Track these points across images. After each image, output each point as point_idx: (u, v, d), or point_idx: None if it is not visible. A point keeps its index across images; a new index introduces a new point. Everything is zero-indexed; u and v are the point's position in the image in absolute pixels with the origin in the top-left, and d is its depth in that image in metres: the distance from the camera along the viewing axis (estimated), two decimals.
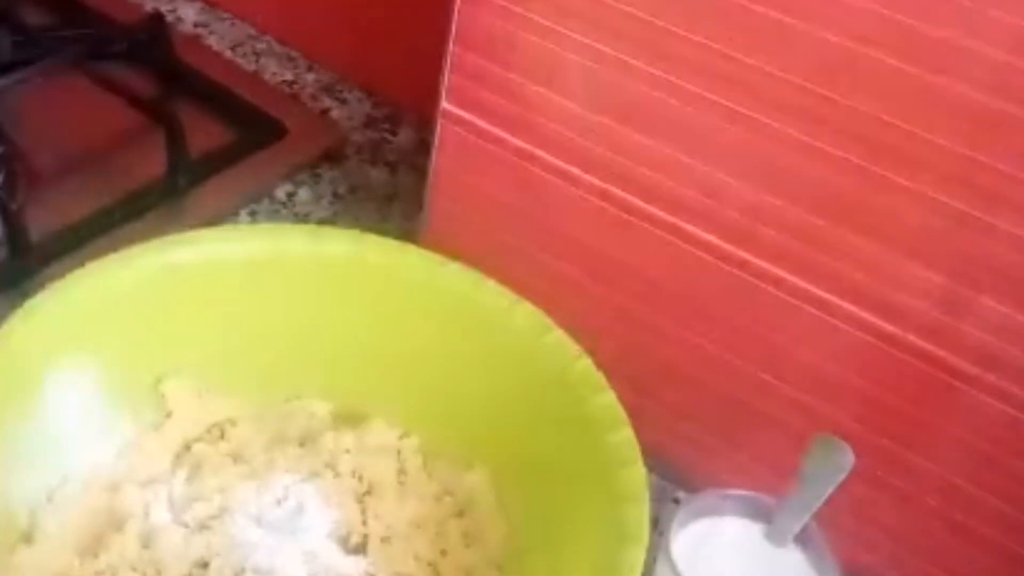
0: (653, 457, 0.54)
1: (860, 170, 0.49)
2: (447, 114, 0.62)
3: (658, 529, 0.54)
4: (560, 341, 0.57)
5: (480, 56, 0.59)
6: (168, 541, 0.54)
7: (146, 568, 0.53)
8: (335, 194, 0.77)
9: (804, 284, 0.53)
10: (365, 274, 0.60)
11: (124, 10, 0.86)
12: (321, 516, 0.55)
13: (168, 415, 0.59)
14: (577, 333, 0.57)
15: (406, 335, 0.60)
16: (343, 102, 0.85)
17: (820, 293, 0.53)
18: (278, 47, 0.89)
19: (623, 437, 0.53)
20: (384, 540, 0.56)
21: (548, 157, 0.59)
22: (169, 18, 0.86)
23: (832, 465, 0.50)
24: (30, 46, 0.79)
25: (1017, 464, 0.51)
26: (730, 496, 0.53)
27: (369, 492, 0.58)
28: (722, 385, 0.59)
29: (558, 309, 0.58)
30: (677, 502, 0.61)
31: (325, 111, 0.84)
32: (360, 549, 0.56)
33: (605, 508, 0.51)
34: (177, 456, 0.59)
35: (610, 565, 0.49)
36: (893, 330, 0.52)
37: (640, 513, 0.50)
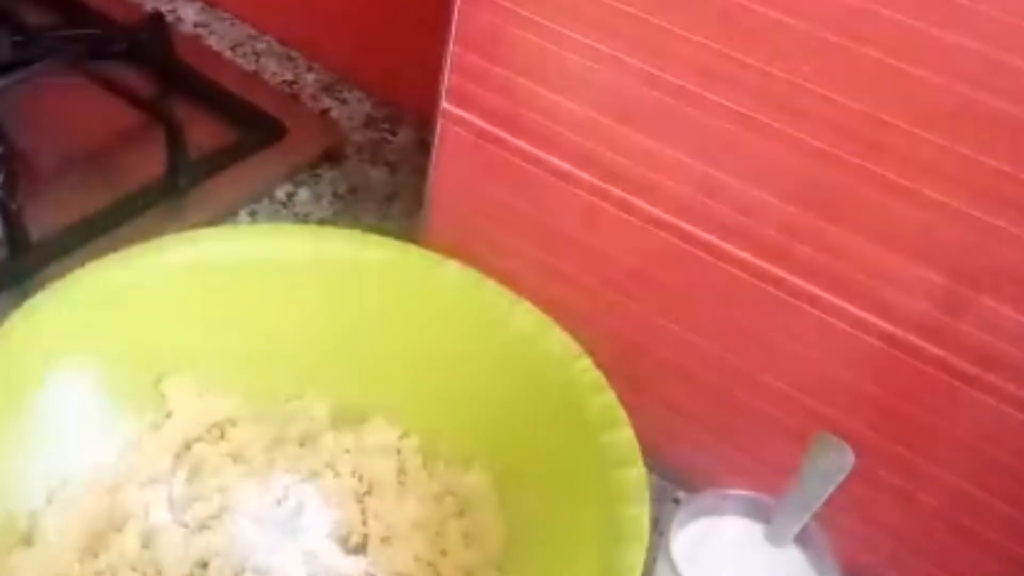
0: (653, 457, 0.54)
1: (859, 170, 0.49)
2: (447, 114, 0.62)
3: (658, 529, 0.54)
4: (560, 341, 0.57)
5: (480, 56, 0.59)
6: (168, 541, 0.54)
7: (146, 568, 0.53)
8: (335, 194, 0.77)
9: (804, 284, 0.53)
10: (365, 274, 0.60)
11: (124, 10, 0.86)
12: (321, 516, 0.55)
13: (168, 415, 0.59)
14: (577, 333, 0.57)
15: (406, 335, 0.60)
16: (343, 102, 0.85)
17: (820, 293, 0.53)
18: (278, 47, 0.89)
19: (623, 437, 0.53)
20: (384, 540, 0.56)
21: (548, 157, 0.59)
22: (169, 18, 0.86)
23: (832, 465, 0.50)
24: (30, 46, 0.79)
25: (1018, 464, 0.51)
26: (730, 496, 0.53)
27: (369, 492, 0.58)
28: (722, 385, 0.59)
29: (558, 309, 0.58)
30: (677, 502, 0.61)
31: (325, 111, 0.84)
32: (360, 549, 0.56)
33: (605, 508, 0.51)
34: (177, 456, 0.59)
35: (610, 565, 0.49)
36: (893, 330, 0.52)
37: (640, 513, 0.50)
